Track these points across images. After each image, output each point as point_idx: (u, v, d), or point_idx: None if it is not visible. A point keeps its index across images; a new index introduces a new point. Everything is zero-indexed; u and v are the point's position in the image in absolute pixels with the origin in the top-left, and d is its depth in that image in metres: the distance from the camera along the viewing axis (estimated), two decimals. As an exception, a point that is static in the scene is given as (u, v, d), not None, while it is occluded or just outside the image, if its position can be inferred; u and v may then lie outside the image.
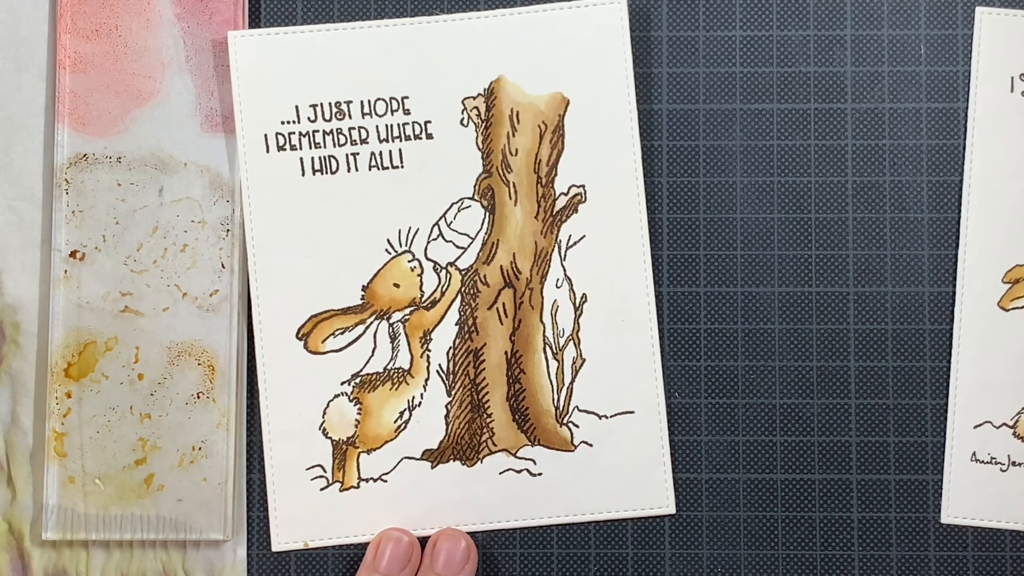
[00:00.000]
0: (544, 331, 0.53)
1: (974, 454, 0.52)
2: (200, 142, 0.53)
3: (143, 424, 0.52)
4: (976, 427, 0.52)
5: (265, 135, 0.53)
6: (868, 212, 0.53)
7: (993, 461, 0.52)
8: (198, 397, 0.52)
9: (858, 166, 0.53)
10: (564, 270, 0.53)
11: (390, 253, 0.53)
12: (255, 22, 0.54)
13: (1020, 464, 0.52)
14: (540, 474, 0.52)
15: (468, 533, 0.51)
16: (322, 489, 0.52)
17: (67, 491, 0.52)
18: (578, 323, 0.52)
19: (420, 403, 0.53)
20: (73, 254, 0.52)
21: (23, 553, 0.52)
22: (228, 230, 0.52)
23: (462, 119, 0.53)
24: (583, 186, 0.53)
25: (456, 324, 0.53)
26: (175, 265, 0.52)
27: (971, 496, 0.52)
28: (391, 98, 0.53)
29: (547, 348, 0.53)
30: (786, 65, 0.53)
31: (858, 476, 0.52)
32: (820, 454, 0.52)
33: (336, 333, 0.53)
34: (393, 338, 0.53)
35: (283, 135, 0.53)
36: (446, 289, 0.53)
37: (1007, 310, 0.52)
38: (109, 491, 0.52)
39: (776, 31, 0.53)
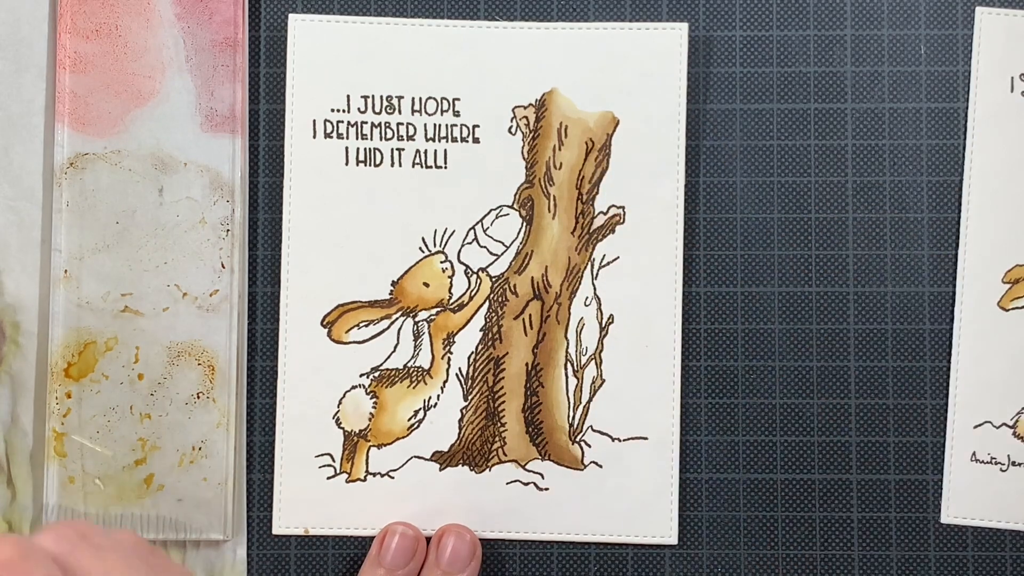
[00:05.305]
0: (567, 347, 0.52)
1: (974, 454, 0.52)
2: (200, 142, 0.53)
3: (143, 424, 0.52)
4: (976, 427, 0.52)
5: (314, 120, 0.53)
6: (868, 212, 0.53)
7: (993, 461, 0.52)
8: (198, 397, 0.52)
9: (858, 166, 0.53)
10: (594, 289, 0.52)
11: (423, 252, 0.53)
12: (255, 22, 0.54)
13: (1020, 464, 0.52)
14: (547, 489, 0.52)
15: (468, 535, 0.51)
16: (329, 478, 0.52)
17: (67, 491, 0.52)
18: (602, 343, 0.52)
19: (436, 404, 0.53)
20: (73, 254, 0.52)
21: (23, 553, 0.52)
22: (228, 230, 0.52)
23: (510, 127, 0.53)
24: (623, 207, 0.52)
25: (481, 330, 0.53)
26: (175, 265, 0.52)
27: (971, 496, 0.52)
28: (442, 98, 0.53)
29: (568, 364, 0.52)
30: (786, 65, 0.53)
31: (858, 476, 0.52)
32: (820, 454, 0.52)
33: (361, 325, 0.53)
34: (417, 337, 0.53)
35: (331, 123, 0.53)
36: (475, 294, 0.53)
37: (1007, 310, 0.52)
38: (109, 491, 0.52)
39: (776, 31, 0.53)
